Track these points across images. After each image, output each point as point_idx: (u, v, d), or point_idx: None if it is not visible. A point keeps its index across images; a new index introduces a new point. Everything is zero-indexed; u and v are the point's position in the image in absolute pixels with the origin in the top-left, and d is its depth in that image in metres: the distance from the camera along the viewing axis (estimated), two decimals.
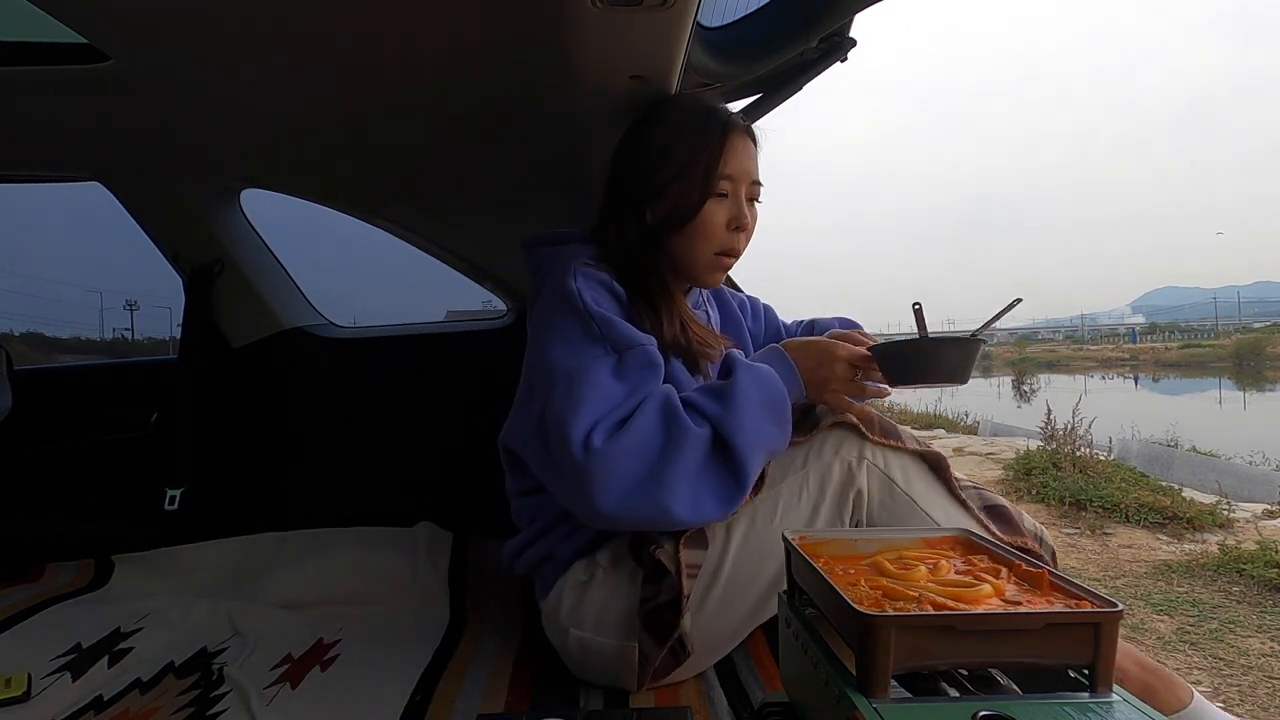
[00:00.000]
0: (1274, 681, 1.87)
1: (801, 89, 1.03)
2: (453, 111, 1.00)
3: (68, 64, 0.87)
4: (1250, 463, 5.12)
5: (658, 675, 0.85)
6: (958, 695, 0.50)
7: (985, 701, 0.45)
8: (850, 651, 0.48)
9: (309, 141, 1.13)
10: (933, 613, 0.47)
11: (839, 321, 1.08)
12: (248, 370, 1.53)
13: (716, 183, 0.87)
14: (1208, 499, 3.62)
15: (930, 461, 0.86)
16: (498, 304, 1.57)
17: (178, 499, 1.40)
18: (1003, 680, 0.52)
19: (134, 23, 0.77)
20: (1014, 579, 0.55)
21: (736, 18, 0.95)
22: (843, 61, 0.97)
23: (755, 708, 0.71)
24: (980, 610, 0.48)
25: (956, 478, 0.87)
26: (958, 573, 0.56)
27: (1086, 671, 0.47)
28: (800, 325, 1.15)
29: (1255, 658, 2.01)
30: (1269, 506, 3.62)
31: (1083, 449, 4.33)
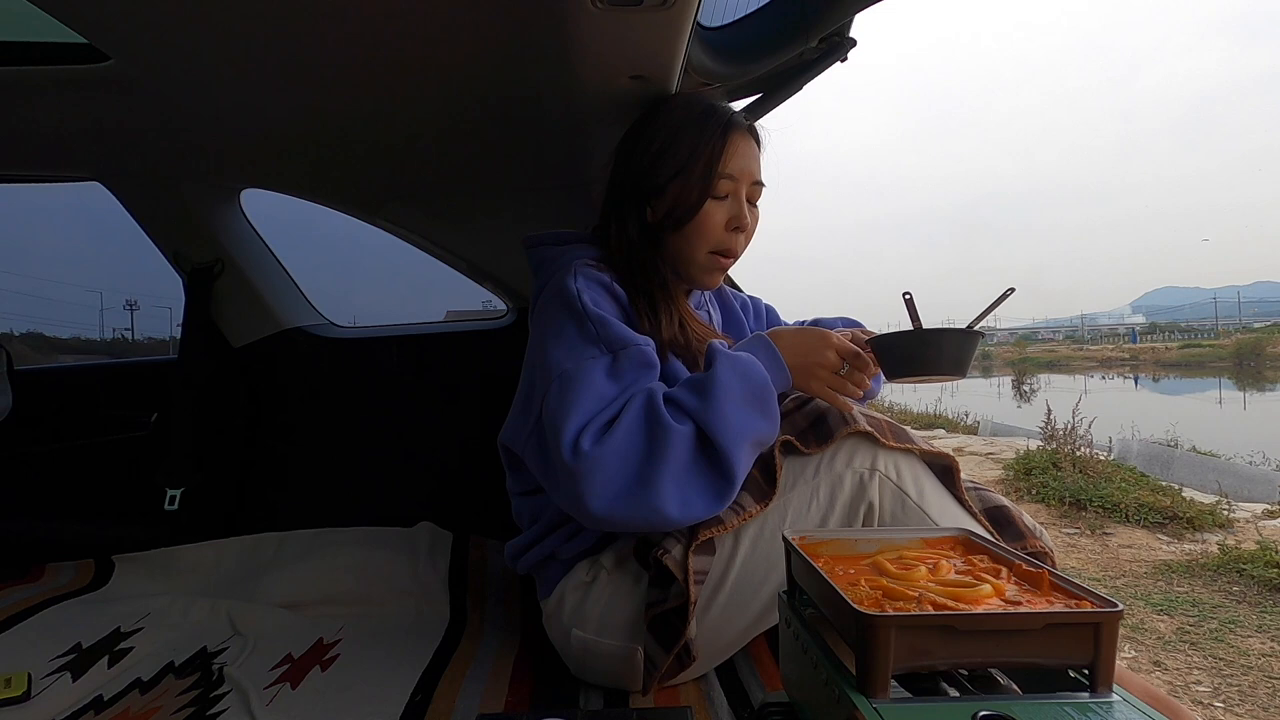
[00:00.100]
0: (1274, 681, 1.88)
1: (801, 89, 1.03)
2: (453, 111, 1.00)
3: (68, 64, 0.87)
4: (1250, 463, 5.12)
5: (661, 680, 0.84)
6: (958, 695, 0.50)
7: (985, 701, 0.45)
8: (850, 651, 0.48)
9: (309, 141, 1.13)
10: (933, 613, 0.47)
11: (843, 321, 1.08)
12: (248, 370, 1.53)
13: (716, 182, 0.87)
14: (1208, 499, 3.63)
15: (943, 466, 0.85)
16: (498, 304, 1.57)
17: (178, 499, 1.39)
18: (1003, 680, 0.52)
19: (134, 23, 0.77)
20: (1014, 579, 0.55)
21: (736, 18, 0.95)
22: (843, 61, 0.97)
23: (755, 708, 0.71)
24: (980, 610, 0.48)
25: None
26: (958, 573, 0.56)
27: (1086, 671, 0.47)
28: (804, 326, 1.15)
29: (1255, 658, 2.01)
30: (1269, 506, 3.62)
31: (1083, 449, 4.34)
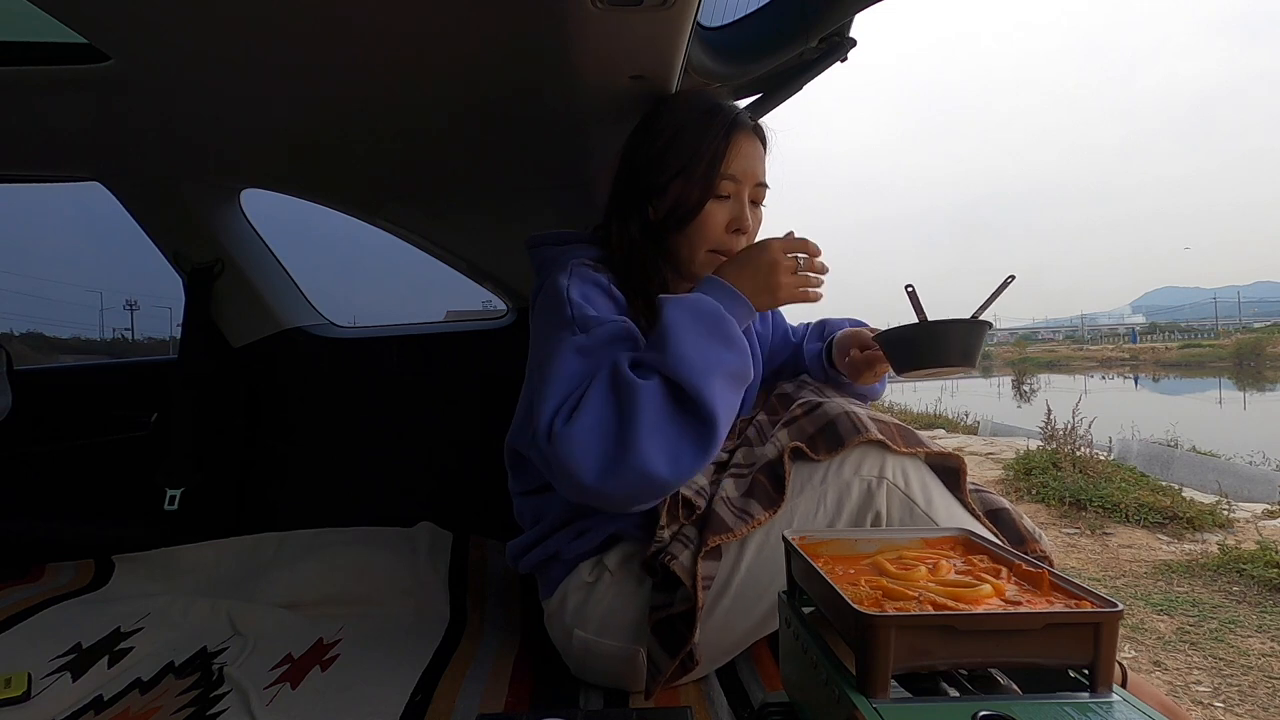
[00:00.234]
0: (1274, 681, 1.87)
1: (801, 89, 1.03)
2: (453, 111, 1.00)
3: (68, 64, 0.87)
4: (1250, 463, 5.12)
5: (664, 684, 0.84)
6: (958, 695, 0.50)
7: (985, 701, 0.45)
8: (850, 651, 0.48)
9: (309, 141, 1.13)
10: (933, 613, 0.47)
11: (849, 322, 1.07)
12: (248, 370, 1.53)
13: (718, 182, 0.87)
14: (1208, 499, 3.62)
15: (950, 468, 0.85)
16: (498, 304, 1.57)
17: (178, 499, 1.40)
18: (1003, 680, 0.52)
19: (134, 23, 0.77)
20: (1014, 579, 0.55)
21: (736, 18, 0.95)
22: (843, 61, 0.97)
23: (755, 708, 0.71)
24: (980, 610, 0.48)
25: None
26: (958, 573, 0.56)
27: (1086, 671, 0.47)
28: (808, 328, 1.14)
29: (1255, 658, 2.01)
30: (1269, 506, 3.62)
31: (1083, 449, 4.33)
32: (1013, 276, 0.82)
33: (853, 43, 0.95)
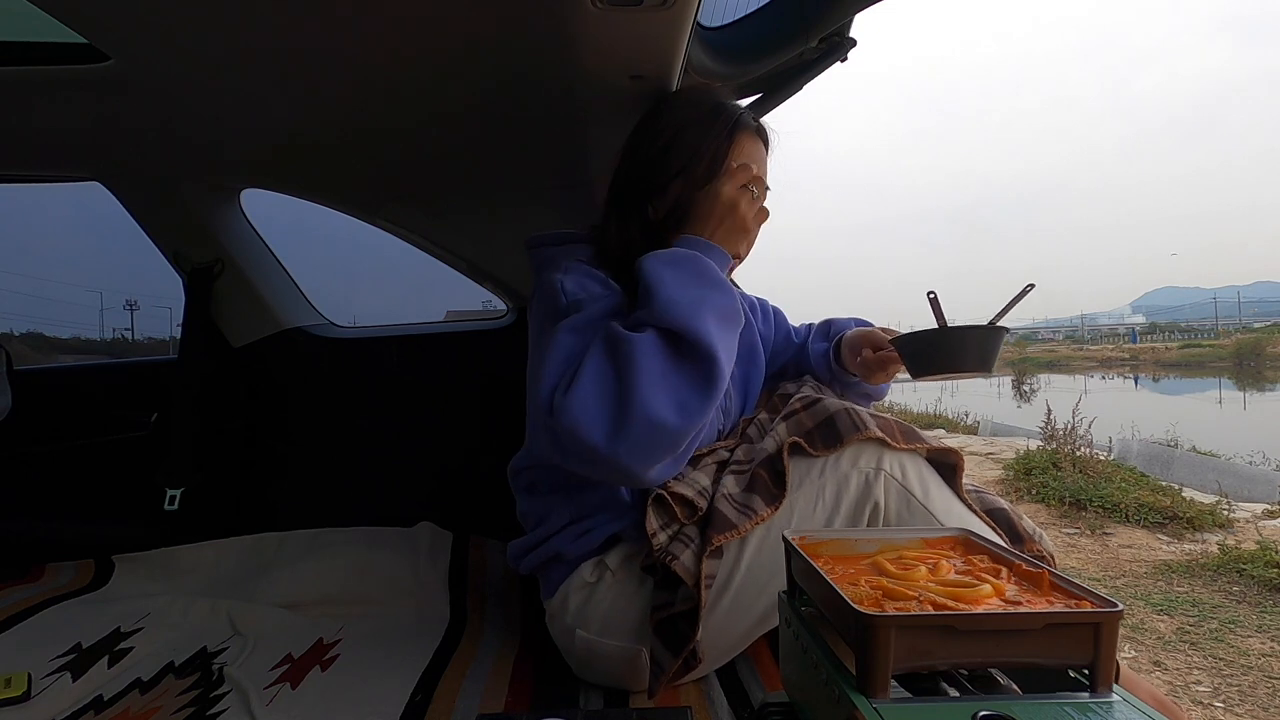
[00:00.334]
0: (1274, 681, 1.88)
1: (801, 89, 1.03)
2: (453, 111, 1.00)
3: (68, 64, 0.87)
4: (1250, 463, 5.12)
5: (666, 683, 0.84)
6: (958, 695, 0.50)
7: (985, 701, 0.45)
8: (850, 651, 0.48)
9: (309, 141, 1.13)
10: (933, 613, 0.47)
11: (855, 322, 1.07)
12: (248, 370, 1.53)
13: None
14: (1208, 499, 3.63)
15: (948, 464, 0.85)
16: (498, 304, 1.57)
17: (178, 499, 1.39)
18: (1003, 680, 0.52)
19: (134, 23, 0.77)
20: (1014, 579, 0.55)
21: (736, 18, 0.95)
22: (843, 61, 0.97)
23: (755, 708, 0.71)
24: (980, 610, 0.48)
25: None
26: (958, 573, 0.56)
27: (1086, 671, 0.47)
28: (810, 328, 1.14)
29: (1255, 658, 2.01)
30: (1269, 506, 3.62)
31: (1083, 449, 4.34)
32: (1032, 285, 0.82)
33: (853, 43, 0.95)
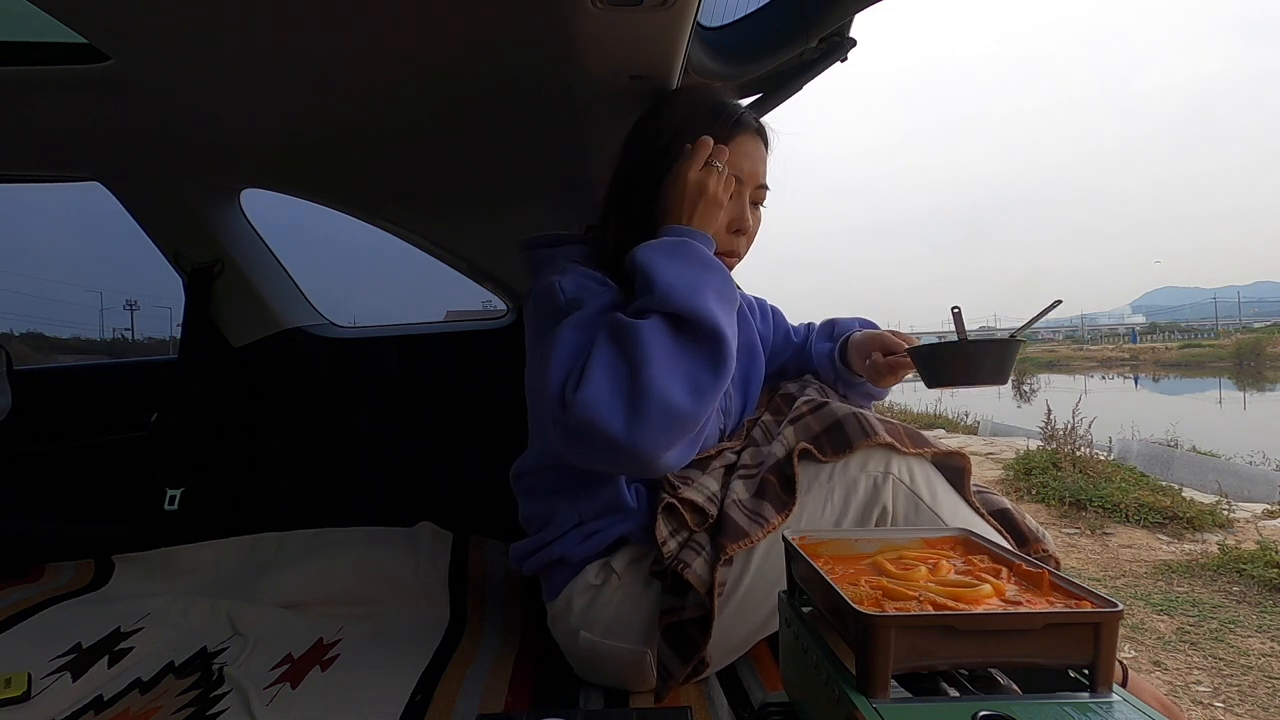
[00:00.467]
0: (1274, 681, 1.88)
1: (801, 89, 1.03)
2: (453, 111, 1.00)
3: (68, 64, 0.87)
4: (1250, 463, 5.12)
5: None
6: (958, 695, 0.50)
7: (985, 701, 0.45)
8: (850, 651, 0.48)
9: (309, 141, 1.13)
10: (933, 613, 0.47)
11: (859, 322, 1.07)
12: (248, 370, 1.53)
13: None
14: (1208, 499, 3.63)
15: (955, 468, 0.85)
16: (498, 304, 1.57)
17: (178, 499, 1.39)
18: (1003, 680, 0.52)
19: (134, 23, 0.77)
20: (1014, 579, 0.55)
21: (736, 18, 0.95)
22: (843, 61, 0.97)
23: (755, 708, 0.71)
24: (980, 610, 0.48)
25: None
26: (958, 573, 0.56)
27: (1086, 671, 0.47)
28: (809, 328, 1.14)
29: (1255, 658, 2.01)
30: (1269, 506, 3.62)
31: (1083, 449, 4.34)
32: (1059, 301, 0.82)
33: (853, 43, 0.94)
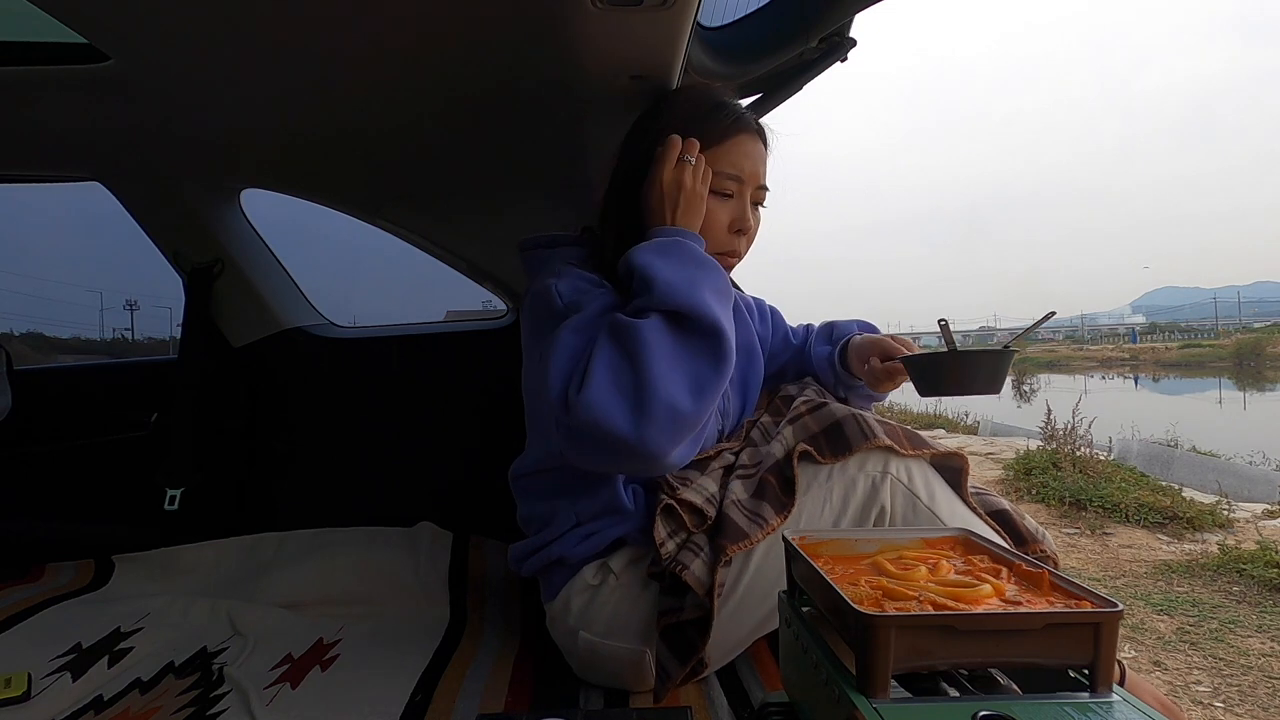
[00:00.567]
0: (1274, 681, 1.88)
1: (801, 89, 1.03)
2: (453, 111, 1.00)
3: (68, 64, 0.87)
4: (1250, 463, 5.12)
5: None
6: (958, 695, 0.50)
7: (985, 701, 0.45)
8: (850, 651, 0.48)
9: (309, 141, 1.13)
10: (933, 613, 0.47)
11: (857, 324, 1.07)
12: (248, 370, 1.53)
13: (721, 180, 0.86)
14: (1208, 499, 3.63)
15: (953, 468, 0.85)
16: (498, 304, 1.57)
17: (178, 499, 1.39)
18: (1003, 680, 0.52)
19: (134, 23, 0.77)
20: (1014, 579, 0.55)
21: (736, 18, 0.95)
22: (843, 61, 0.97)
23: (755, 708, 0.71)
24: (980, 610, 0.48)
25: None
26: (958, 573, 0.56)
27: (1086, 671, 0.47)
28: (808, 329, 1.13)
29: (1255, 658, 2.01)
30: (1269, 506, 3.63)
31: (1083, 449, 4.34)
32: (1052, 312, 0.84)
33: (853, 43, 0.94)
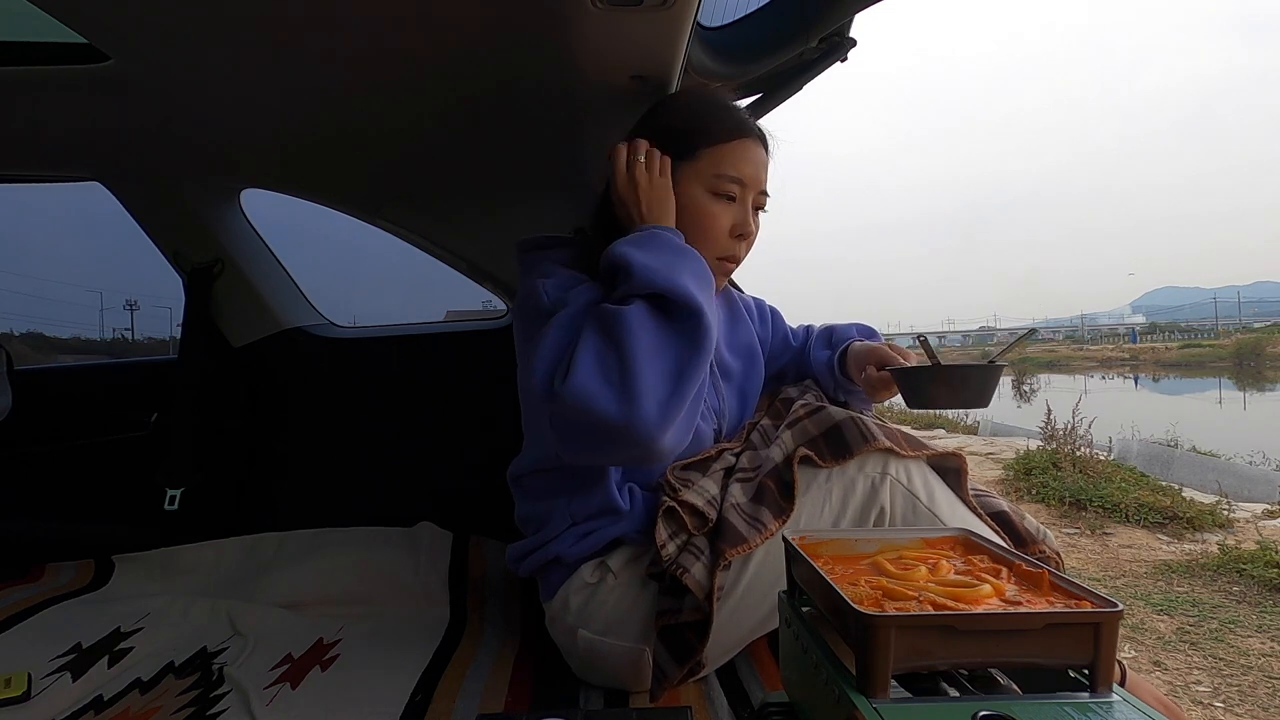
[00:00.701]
0: (1274, 681, 1.88)
1: (801, 89, 1.03)
2: (453, 111, 1.00)
3: (68, 64, 0.87)
4: (1250, 463, 5.12)
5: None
6: (958, 695, 0.50)
7: (985, 701, 0.45)
8: (850, 651, 0.48)
9: (309, 141, 1.13)
10: (933, 613, 0.47)
11: (856, 328, 1.07)
12: (248, 370, 1.53)
13: (723, 183, 0.86)
14: (1208, 499, 3.63)
15: (952, 469, 0.85)
16: (498, 304, 1.57)
17: (178, 499, 1.39)
18: (1003, 680, 0.52)
19: (134, 23, 0.77)
20: (1014, 579, 0.55)
21: (736, 18, 0.95)
22: (843, 61, 0.97)
23: (755, 708, 0.71)
24: (980, 610, 0.48)
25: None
26: (958, 573, 0.56)
27: (1086, 671, 0.47)
28: (808, 331, 1.13)
29: (1255, 658, 2.01)
30: (1269, 506, 3.63)
31: (1083, 449, 4.34)
32: (1034, 330, 0.84)
33: (853, 43, 0.94)
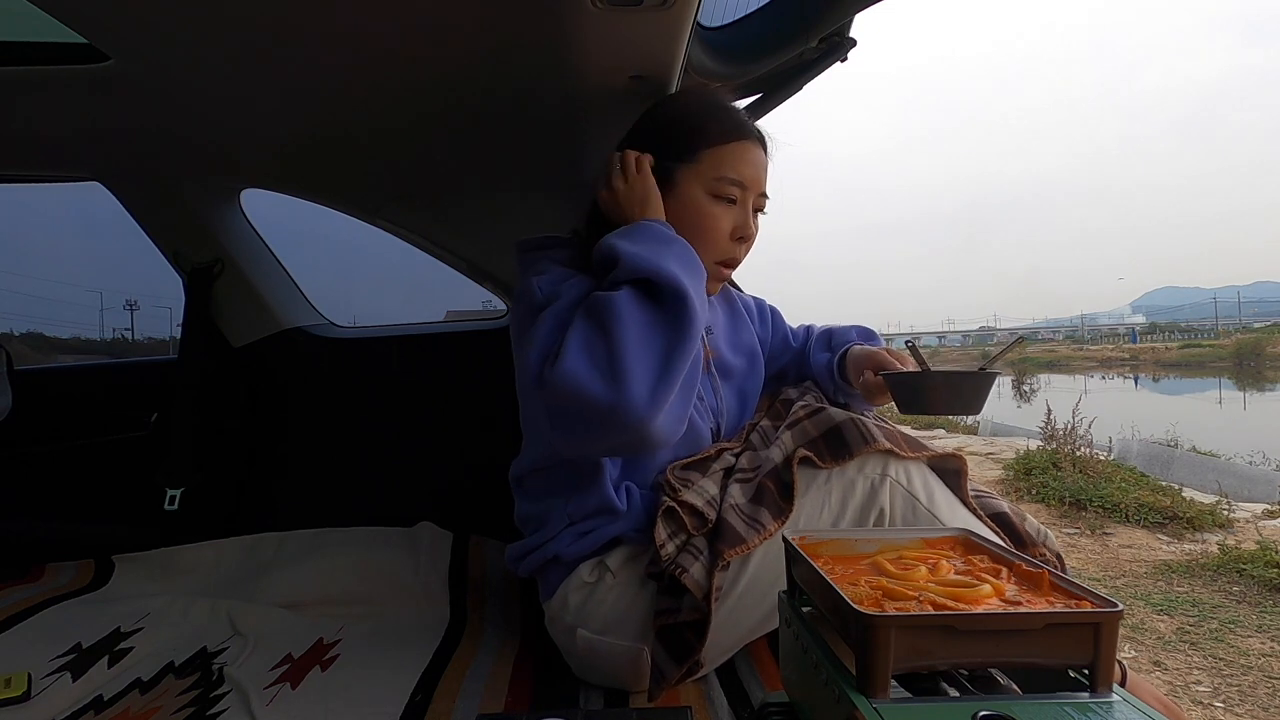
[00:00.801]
0: (1274, 681, 1.88)
1: (801, 89, 1.03)
2: (453, 111, 1.00)
3: (68, 64, 0.87)
4: (1250, 463, 5.12)
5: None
6: (958, 695, 0.50)
7: (985, 701, 0.45)
8: (850, 651, 0.48)
9: (309, 141, 1.13)
10: (933, 613, 0.47)
11: (856, 331, 1.07)
12: (248, 370, 1.53)
13: (723, 185, 0.86)
14: (1208, 499, 3.63)
15: (952, 470, 0.85)
16: (498, 304, 1.57)
17: (178, 499, 1.39)
18: (1003, 680, 0.52)
19: (134, 23, 0.77)
20: (1014, 579, 0.55)
21: (736, 18, 0.95)
22: (843, 61, 0.97)
23: (755, 708, 0.71)
24: (980, 610, 0.48)
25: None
26: (958, 573, 0.56)
27: (1086, 671, 0.47)
28: (808, 331, 1.13)
29: (1255, 658, 2.01)
30: (1269, 506, 3.63)
31: (1083, 449, 4.34)
32: (1022, 338, 0.84)
33: (853, 43, 0.94)
